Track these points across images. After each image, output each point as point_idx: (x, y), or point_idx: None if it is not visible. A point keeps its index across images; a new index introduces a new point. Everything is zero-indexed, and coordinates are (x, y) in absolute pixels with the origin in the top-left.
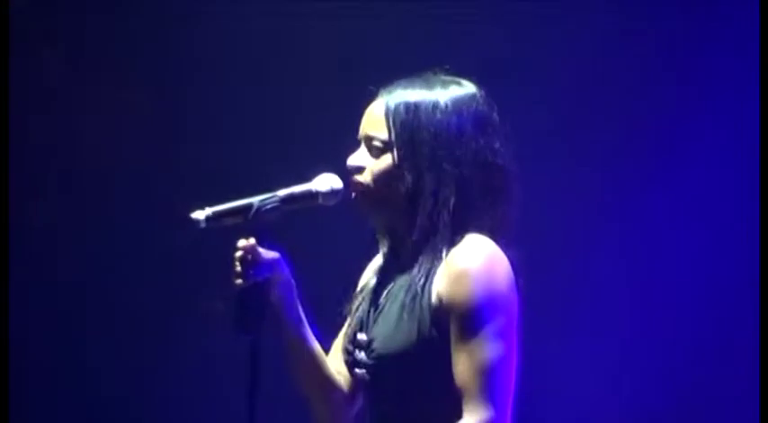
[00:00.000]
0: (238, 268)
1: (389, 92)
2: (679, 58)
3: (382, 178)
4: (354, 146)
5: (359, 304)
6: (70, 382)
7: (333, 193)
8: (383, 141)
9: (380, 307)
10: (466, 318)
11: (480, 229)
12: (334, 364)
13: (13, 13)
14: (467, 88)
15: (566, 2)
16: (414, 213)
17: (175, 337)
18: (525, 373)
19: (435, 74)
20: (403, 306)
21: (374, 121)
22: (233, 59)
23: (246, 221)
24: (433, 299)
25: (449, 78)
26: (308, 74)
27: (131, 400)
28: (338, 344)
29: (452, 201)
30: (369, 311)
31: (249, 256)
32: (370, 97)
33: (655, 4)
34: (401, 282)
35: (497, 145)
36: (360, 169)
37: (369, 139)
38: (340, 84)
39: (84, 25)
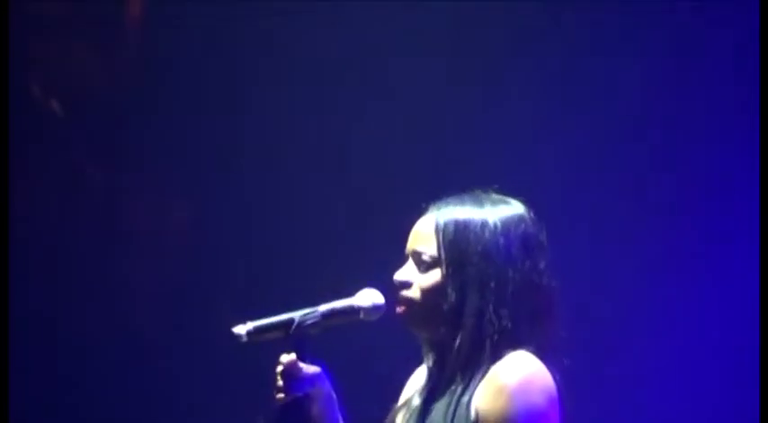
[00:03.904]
0: (280, 383)
1: (439, 208)
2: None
3: (430, 294)
4: (398, 262)
5: (404, 417)
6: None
7: (374, 308)
8: (432, 257)
9: (425, 421)
10: None
11: (526, 347)
12: None
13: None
14: (515, 208)
15: None
16: (459, 329)
17: None
18: None
19: (485, 192)
20: (444, 420)
21: (423, 237)
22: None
23: (287, 336)
24: (472, 414)
25: (498, 197)
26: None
27: None
28: None
29: (497, 320)
30: None
31: (290, 371)
32: (420, 212)
33: None
34: (444, 395)
35: (543, 265)
36: (407, 284)
37: (417, 255)
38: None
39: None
